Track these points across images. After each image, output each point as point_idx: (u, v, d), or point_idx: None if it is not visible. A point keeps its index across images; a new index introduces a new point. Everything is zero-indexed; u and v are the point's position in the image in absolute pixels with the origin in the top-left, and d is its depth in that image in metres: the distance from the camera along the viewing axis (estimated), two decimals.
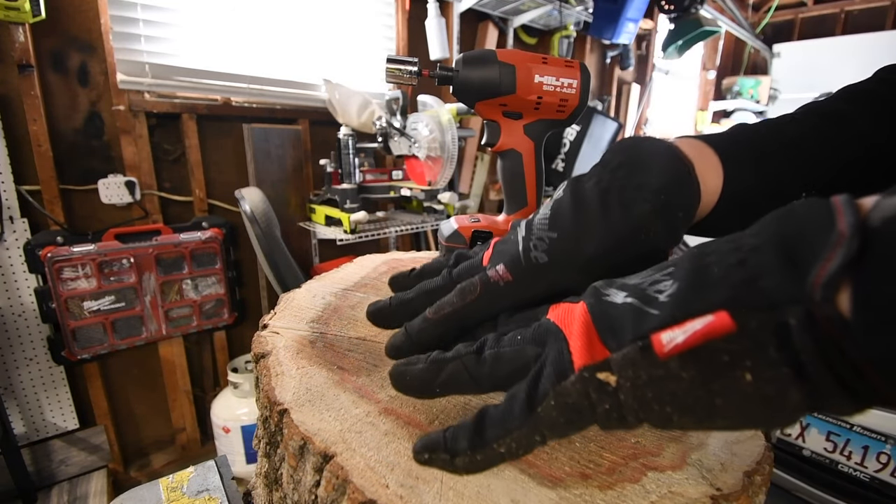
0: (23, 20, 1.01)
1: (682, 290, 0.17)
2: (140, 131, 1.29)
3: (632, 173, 0.26)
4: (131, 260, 1.25)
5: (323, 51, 1.63)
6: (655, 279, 0.19)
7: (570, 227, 0.25)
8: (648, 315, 0.18)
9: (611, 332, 0.19)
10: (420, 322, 0.26)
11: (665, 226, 0.25)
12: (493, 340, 0.23)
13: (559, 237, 0.25)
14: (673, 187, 0.25)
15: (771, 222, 0.17)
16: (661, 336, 0.16)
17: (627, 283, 0.21)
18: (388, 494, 0.20)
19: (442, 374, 0.22)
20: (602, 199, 0.25)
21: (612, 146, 0.29)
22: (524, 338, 0.22)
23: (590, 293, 0.22)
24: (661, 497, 0.21)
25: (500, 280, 0.26)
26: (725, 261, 0.17)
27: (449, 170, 1.36)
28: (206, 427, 1.55)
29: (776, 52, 4.05)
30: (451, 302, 0.26)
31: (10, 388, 1.18)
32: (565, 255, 0.25)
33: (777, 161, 0.29)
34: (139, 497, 0.33)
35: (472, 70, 0.40)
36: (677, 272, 0.19)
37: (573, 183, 0.28)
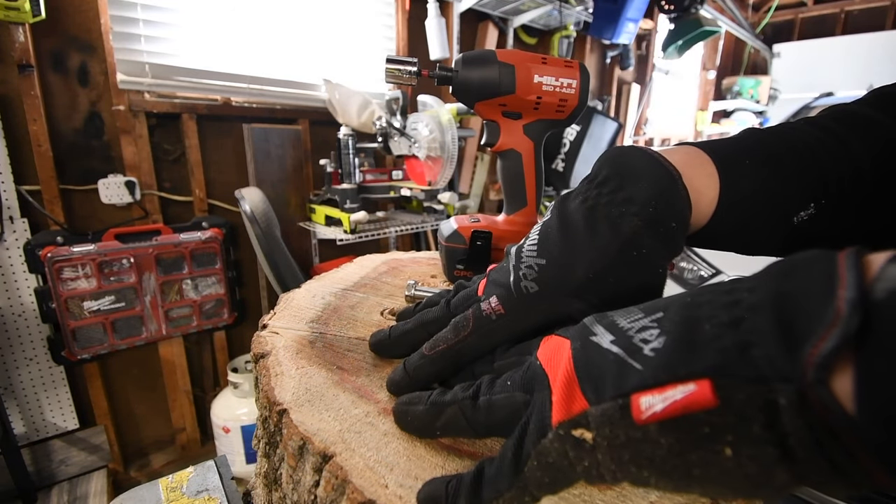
0: (23, 20, 1.01)
1: (668, 349, 0.16)
2: (140, 131, 1.29)
3: (618, 188, 0.25)
4: (131, 260, 1.25)
5: (323, 51, 1.63)
6: (644, 325, 0.18)
7: (557, 252, 0.25)
8: (631, 370, 0.17)
9: (591, 384, 0.18)
10: (417, 359, 0.26)
11: (658, 239, 0.24)
12: (486, 385, 0.23)
13: (548, 264, 0.25)
14: (661, 198, 0.24)
15: (771, 278, 0.16)
16: (640, 399, 0.16)
17: (616, 324, 0.19)
18: (387, 494, 0.20)
19: (441, 418, 0.23)
20: (588, 219, 0.24)
21: (599, 158, 0.27)
22: (514, 383, 0.22)
23: (578, 332, 0.21)
24: (661, 497, 0.21)
25: (493, 313, 0.25)
26: (718, 317, 0.16)
27: (449, 170, 1.37)
28: (205, 427, 1.55)
29: (776, 52, 4.05)
30: (446, 338, 0.26)
31: (10, 388, 1.18)
32: (555, 283, 0.24)
33: (778, 168, 0.27)
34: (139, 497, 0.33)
35: (471, 70, 0.41)
36: (666, 322, 0.18)
37: (559, 203, 0.27)
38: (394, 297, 0.42)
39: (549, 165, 2.31)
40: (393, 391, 0.27)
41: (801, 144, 0.28)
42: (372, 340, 0.31)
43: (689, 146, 0.28)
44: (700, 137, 4.05)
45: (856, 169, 0.27)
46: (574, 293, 0.24)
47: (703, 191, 0.26)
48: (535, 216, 0.46)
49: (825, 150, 0.28)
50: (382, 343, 0.31)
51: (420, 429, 0.24)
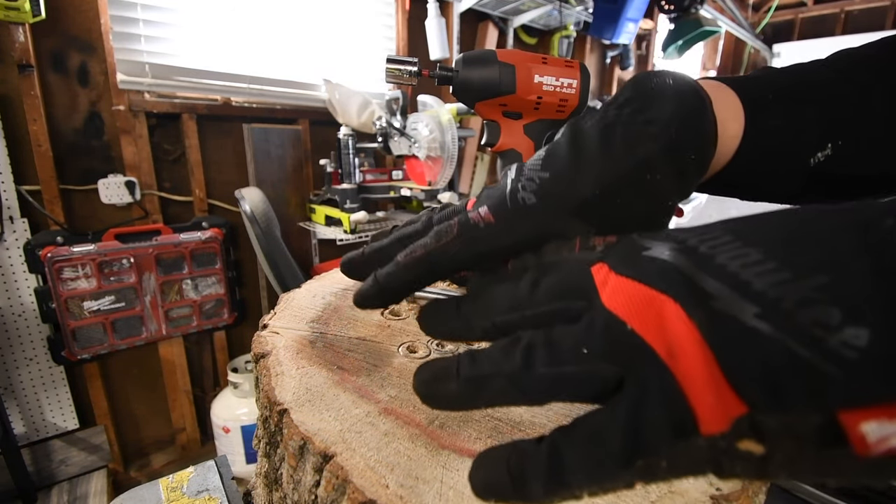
0: (23, 20, 1.01)
1: (884, 349, 0.11)
2: (140, 131, 1.29)
3: (640, 109, 0.22)
4: (131, 260, 1.25)
5: (323, 51, 1.63)
6: (806, 297, 0.12)
7: (564, 167, 0.22)
8: (821, 373, 0.12)
9: (751, 381, 0.13)
10: (390, 267, 0.24)
11: (673, 169, 0.21)
12: (544, 351, 0.16)
13: (551, 177, 0.22)
14: (685, 122, 0.22)
15: None
16: (863, 427, 0.11)
17: (748, 283, 0.13)
18: (387, 494, 0.20)
19: (484, 396, 0.17)
20: (603, 136, 0.22)
21: (628, 80, 0.25)
22: (591, 350, 0.16)
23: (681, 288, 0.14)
24: (660, 497, 0.21)
25: (481, 221, 0.23)
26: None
27: (449, 170, 1.36)
28: (206, 427, 1.55)
29: (776, 52, 4.05)
30: (424, 244, 0.23)
31: (10, 388, 1.18)
32: (556, 197, 0.22)
33: (800, 106, 0.26)
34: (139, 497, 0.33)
35: (471, 70, 0.40)
36: (849, 297, 0.12)
37: (574, 122, 0.24)
38: None
39: None
40: (358, 302, 0.24)
41: (819, 84, 0.27)
42: (343, 260, 0.28)
43: (711, 79, 0.26)
44: None
45: (871, 110, 0.26)
46: (575, 210, 0.22)
47: (728, 125, 0.24)
48: None
49: (841, 91, 0.26)
50: (354, 261, 0.28)
51: (454, 409, 0.18)
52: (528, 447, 0.16)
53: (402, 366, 0.30)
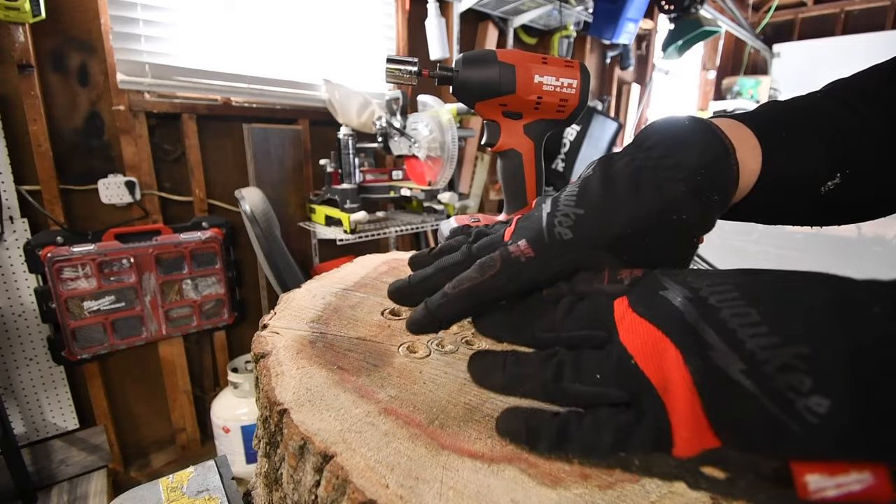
0: (23, 20, 1.01)
1: (838, 418, 0.13)
2: (140, 131, 1.29)
3: (668, 153, 0.25)
4: (131, 260, 1.25)
5: (323, 51, 1.63)
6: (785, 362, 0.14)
7: (597, 204, 0.24)
8: (785, 429, 0.14)
9: (727, 424, 0.16)
10: (439, 297, 0.26)
11: (698, 209, 0.24)
12: (571, 369, 0.21)
13: (585, 214, 0.24)
14: (710, 168, 0.24)
15: None
16: (807, 477, 0.14)
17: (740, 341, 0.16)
18: (388, 494, 0.20)
19: (520, 390, 0.23)
20: (633, 178, 0.24)
21: (646, 126, 0.27)
22: (605, 376, 0.20)
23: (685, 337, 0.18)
24: (661, 497, 0.21)
25: (521, 255, 0.25)
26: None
27: (449, 170, 1.37)
28: (206, 427, 1.55)
29: (776, 52, 4.05)
30: (471, 277, 0.25)
31: (10, 388, 1.18)
32: (590, 233, 0.24)
33: (809, 140, 0.28)
34: (139, 497, 0.33)
35: (471, 70, 0.41)
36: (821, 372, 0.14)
37: (604, 161, 0.27)
38: None
39: (549, 165, 2.31)
40: (413, 330, 0.27)
41: (825, 117, 0.29)
42: (391, 288, 0.30)
43: (729, 118, 0.28)
44: None
45: (872, 142, 0.28)
46: (607, 246, 0.24)
47: (747, 164, 0.26)
48: None
49: (846, 123, 0.28)
50: (402, 290, 0.30)
51: (499, 393, 0.25)
52: (545, 415, 0.21)
53: (402, 366, 0.30)
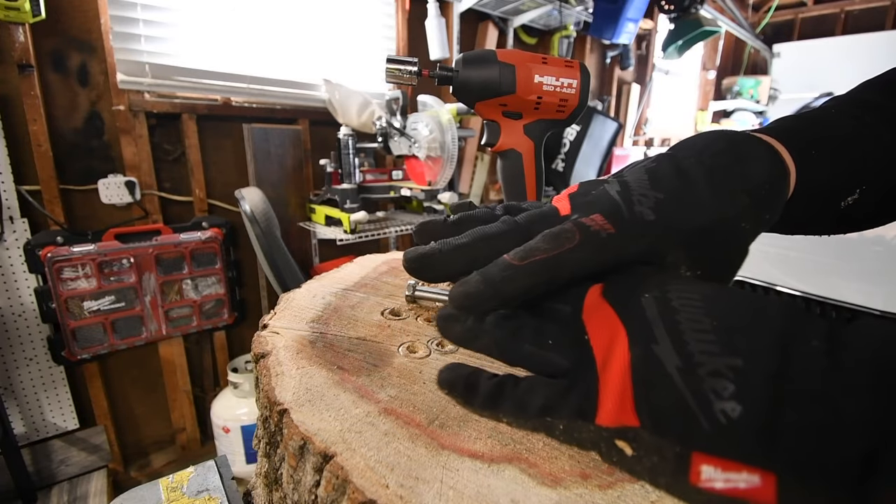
0: (23, 20, 1.01)
1: (745, 426, 0.15)
2: (140, 131, 1.29)
3: (734, 162, 0.24)
4: (131, 260, 1.25)
5: (323, 51, 1.63)
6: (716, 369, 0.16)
7: (678, 191, 0.23)
8: (698, 425, 0.16)
9: (648, 409, 0.17)
10: (503, 269, 0.22)
11: (756, 221, 0.24)
12: (530, 330, 0.23)
13: (667, 198, 0.23)
14: (774, 186, 0.24)
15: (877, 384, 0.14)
16: (702, 466, 0.15)
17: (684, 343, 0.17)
18: (387, 494, 0.20)
19: (475, 343, 0.24)
20: (709, 176, 0.23)
21: (699, 134, 0.27)
22: (556, 343, 0.22)
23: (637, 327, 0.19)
24: (661, 497, 0.21)
25: (602, 230, 0.22)
26: (803, 407, 0.14)
27: (449, 170, 1.37)
28: (206, 427, 1.55)
29: (776, 52, 4.05)
30: (543, 248, 0.21)
31: (10, 388, 1.18)
32: (675, 218, 0.22)
33: (834, 157, 0.28)
34: (139, 497, 0.33)
35: (471, 70, 0.41)
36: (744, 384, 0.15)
37: (668, 157, 0.25)
38: (394, 297, 0.42)
39: (549, 165, 2.31)
40: (469, 306, 0.23)
41: (845, 133, 0.29)
42: (411, 255, 0.26)
43: (766, 135, 0.28)
44: None
45: (887, 154, 0.29)
46: (686, 237, 0.22)
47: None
48: None
49: (862, 139, 0.29)
50: (430, 258, 0.25)
51: (456, 342, 0.25)
52: (485, 374, 0.22)
53: (402, 366, 0.30)
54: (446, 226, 0.28)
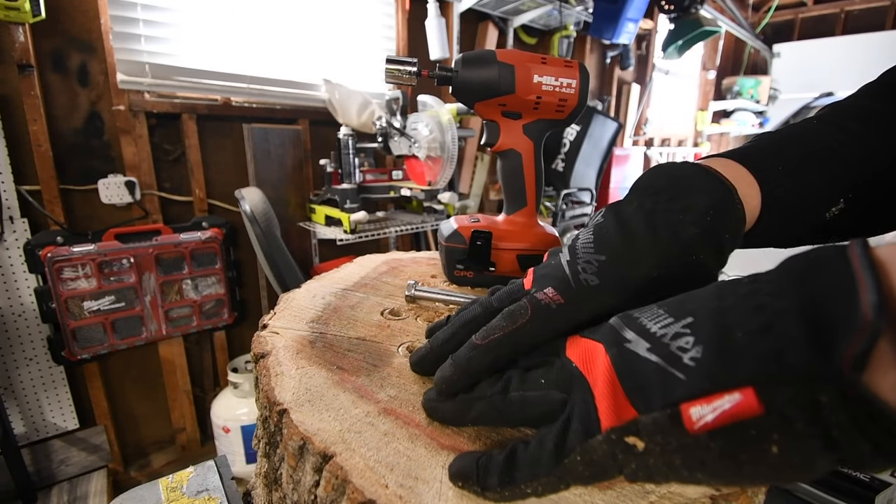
0: (23, 20, 1.01)
1: (708, 359, 0.17)
2: (140, 131, 1.29)
3: (675, 197, 0.26)
4: (131, 260, 1.25)
5: (323, 51, 1.63)
6: (677, 332, 0.19)
7: (618, 250, 0.25)
8: (675, 380, 0.18)
9: (637, 393, 0.19)
10: (468, 350, 0.25)
11: (712, 248, 0.25)
12: (517, 381, 0.23)
13: (608, 260, 0.25)
14: (718, 210, 0.25)
15: (791, 281, 0.17)
16: (690, 410, 0.17)
17: (648, 330, 0.20)
18: (387, 494, 0.20)
19: (472, 412, 0.24)
20: (648, 222, 0.25)
21: (645, 172, 0.29)
22: (548, 380, 0.22)
23: (610, 337, 0.21)
24: (660, 497, 0.21)
25: (552, 302, 0.25)
26: (748, 324, 0.17)
27: (449, 170, 1.37)
28: (206, 427, 1.55)
29: (776, 52, 4.05)
30: (501, 326, 0.25)
31: (10, 388, 1.18)
32: (616, 278, 0.25)
33: (807, 171, 0.29)
34: (139, 497, 0.33)
35: (471, 70, 0.41)
36: (698, 329, 0.18)
37: (613, 208, 0.28)
38: (394, 297, 0.42)
39: (549, 165, 2.31)
40: (444, 389, 0.25)
41: (823, 145, 0.30)
42: (413, 359, 0.29)
43: (723, 158, 0.29)
44: (700, 137, 4.05)
45: (875, 162, 0.29)
46: (633, 290, 0.25)
47: (748, 201, 0.28)
48: (535, 216, 0.46)
49: (845, 149, 0.29)
50: (425, 359, 0.28)
51: (451, 421, 0.25)
52: (493, 454, 0.21)
53: (401, 366, 0.30)
54: (445, 322, 0.31)
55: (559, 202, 2.23)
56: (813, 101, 2.06)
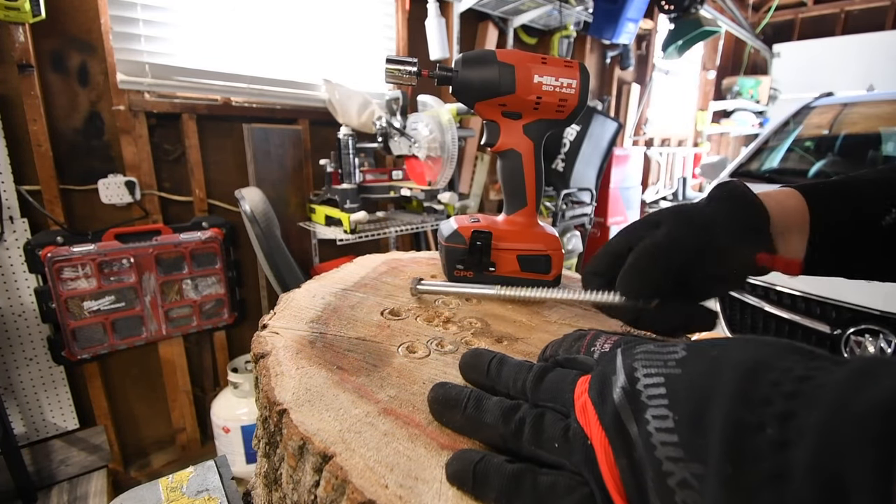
0: (23, 20, 1.01)
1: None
2: (140, 131, 1.29)
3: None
4: (131, 260, 1.25)
5: (323, 51, 1.63)
6: (683, 479, 0.16)
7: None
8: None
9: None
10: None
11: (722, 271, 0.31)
12: (530, 429, 0.21)
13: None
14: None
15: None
16: None
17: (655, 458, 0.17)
18: (387, 494, 0.20)
19: (478, 434, 0.23)
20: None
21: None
22: (561, 446, 0.20)
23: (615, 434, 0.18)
24: None
25: None
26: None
27: (449, 170, 1.37)
28: (206, 427, 1.55)
29: (776, 52, 4.05)
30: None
31: (10, 388, 1.18)
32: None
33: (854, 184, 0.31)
34: (139, 497, 0.33)
35: (471, 70, 0.41)
36: (705, 490, 0.15)
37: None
38: (394, 297, 0.42)
39: (549, 165, 2.31)
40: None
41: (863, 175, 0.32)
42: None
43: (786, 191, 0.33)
44: (700, 137, 4.05)
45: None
46: None
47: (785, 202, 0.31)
48: (535, 216, 0.46)
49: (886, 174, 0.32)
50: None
51: (457, 431, 0.24)
52: (495, 461, 0.20)
53: (401, 366, 0.30)
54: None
55: (559, 202, 2.24)
56: (813, 102, 2.05)
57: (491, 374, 0.26)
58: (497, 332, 0.36)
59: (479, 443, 0.23)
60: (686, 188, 3.66)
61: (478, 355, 0.28)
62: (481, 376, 0.26)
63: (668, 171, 3.69)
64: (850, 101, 1.96)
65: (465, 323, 0.38)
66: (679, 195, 3.64)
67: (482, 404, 0.23)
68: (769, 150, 1.95)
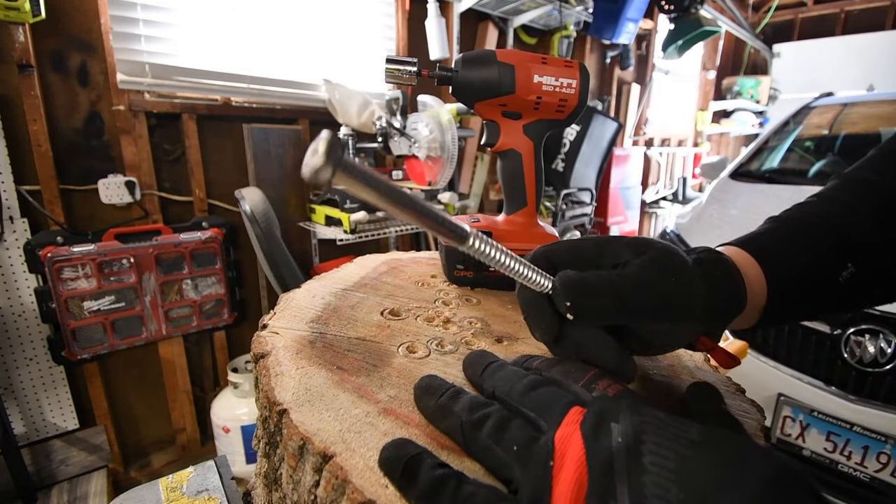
0: (23, 20, 1.01)
1: None
2: (140, 131, 1.29)
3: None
4: (131, 260, 1.25)
5: (323, 51, 1.63)
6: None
7: None
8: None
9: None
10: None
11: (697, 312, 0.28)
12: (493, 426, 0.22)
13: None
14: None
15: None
16: None
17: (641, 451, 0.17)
18: (387, 494, 0.20)
19: (444, 422, 0.24)
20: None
21: None
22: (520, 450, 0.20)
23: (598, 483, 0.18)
24: None
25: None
26: None
27: (449, 170, 1.37)
28: (206, 427, 1.55)
29: (776, 52, 4.05)
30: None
31: (10, 388, 1.18)
32: None
33: (806, 242, 0.31)
34: (139, 497, 0.33)
35: (471, 70, 0.41)
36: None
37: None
38: (394, 297, 0.42)
39: (549, 165, 2.32)
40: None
41: (815, 217, 0.32)
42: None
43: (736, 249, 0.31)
44: (700, 137, 4.05)
45: (868, 225, 0.31)
46: None
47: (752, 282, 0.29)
48: (535, 216, 0.46)
49: (837, 217, 0.32)
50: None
51: (427, 418, 0.25)
52: (428, 462, 0.20)
53: (401, 366, 0.30)
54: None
55: (559, 202, 2.24)
56: (813, 102, 2.06)
57: (486, 373, 0.26)
58: (497, 332, 0.36)
59: (445, 435, 0.24)
60: (686, 188, 3.67)
61: (482, 355, 0.28)
62: (476, 374, 0.27)
63: (668, 171, 3.69)
64: (850, 101, 1.96)
65: (465, 323, 0.38)
66: (679, 195, 3.64)
67: (458, 397, 0.24)
68: (769, 150, 1.95)
